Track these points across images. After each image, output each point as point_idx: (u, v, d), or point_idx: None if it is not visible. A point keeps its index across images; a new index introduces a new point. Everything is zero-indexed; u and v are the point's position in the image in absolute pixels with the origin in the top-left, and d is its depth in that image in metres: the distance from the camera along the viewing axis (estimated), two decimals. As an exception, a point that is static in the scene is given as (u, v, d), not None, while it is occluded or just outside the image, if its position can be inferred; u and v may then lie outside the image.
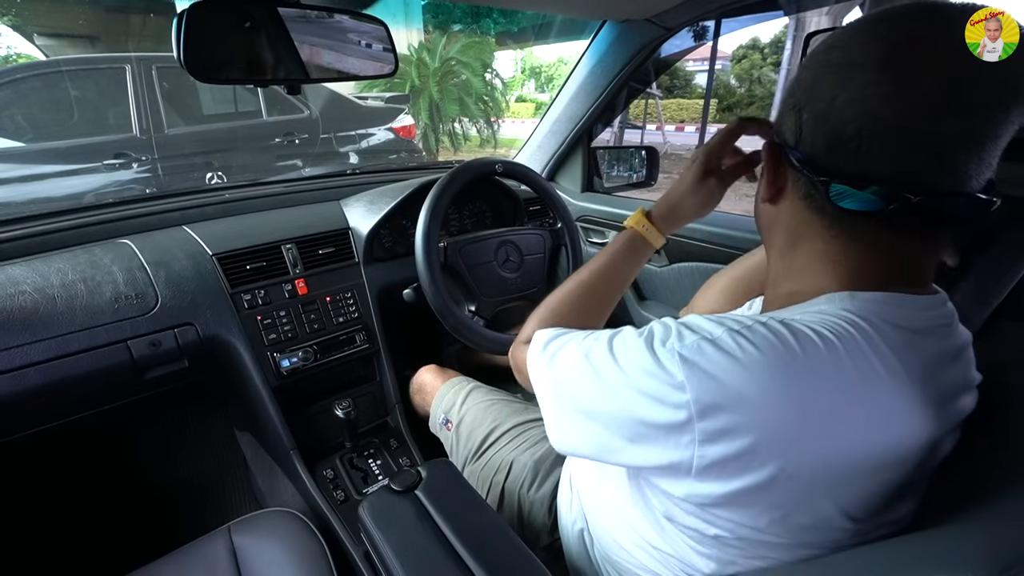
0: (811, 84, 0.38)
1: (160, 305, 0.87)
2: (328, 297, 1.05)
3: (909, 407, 0.36)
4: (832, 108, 0.36)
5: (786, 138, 0.41)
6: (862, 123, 0.34)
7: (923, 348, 0.38)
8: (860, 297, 0.38)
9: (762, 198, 0.45)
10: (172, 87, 3.13)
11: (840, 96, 0.35)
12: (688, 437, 0.36)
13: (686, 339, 0.38)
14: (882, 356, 0.36)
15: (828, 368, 0.35)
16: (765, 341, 0.36)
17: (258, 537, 0.76)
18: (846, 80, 0.35)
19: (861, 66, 0.34)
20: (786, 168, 0.42)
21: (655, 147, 1.50)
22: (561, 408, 0.47)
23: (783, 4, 1.11)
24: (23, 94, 2.91)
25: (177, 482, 1.23)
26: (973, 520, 0.34)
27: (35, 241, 0.92)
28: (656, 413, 0.37)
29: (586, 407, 0.43)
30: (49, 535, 1.09)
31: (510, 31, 10.07)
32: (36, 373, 0.76)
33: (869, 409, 0.35)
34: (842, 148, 0.36)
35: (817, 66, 0.37)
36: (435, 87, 7.60)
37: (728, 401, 0.35)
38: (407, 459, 1.05)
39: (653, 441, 0.38)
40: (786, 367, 0.35)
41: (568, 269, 1.15)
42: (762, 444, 0.34)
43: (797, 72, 0.41)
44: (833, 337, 0.35)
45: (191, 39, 0.63)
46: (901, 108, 0.33)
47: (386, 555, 0.59)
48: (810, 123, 0.38)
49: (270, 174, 3.64)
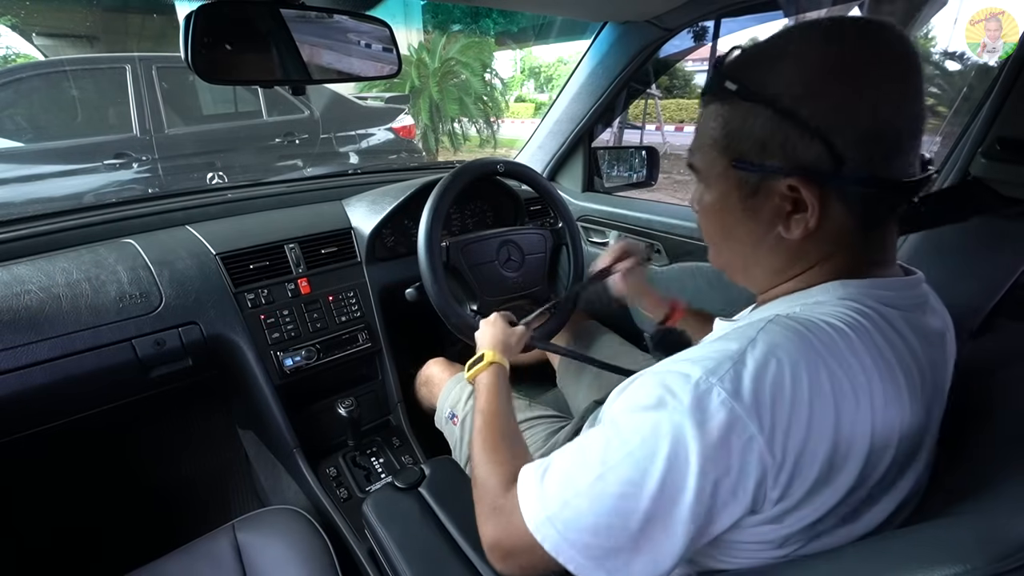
0: (842, 112, 0.37)
1: (164, 304, 0.88)
2: (331, 296, 1.06)
3: (909, 378, 0.39)
4: (878, 119, 0.37)
5: (816, 167, 0.38)
6: (900, 127, 0.38)
7: (914, 324, 0.42)
8: (851, 285, 0.41)
9: (797, 235, 0.41)
10: (172, 87, 3.13)
11: (881, 106, 0.37)
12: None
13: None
14: (885, 335, 0.39)
15: (846, 354, 0.37)
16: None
17: (262, 535, 0.77)
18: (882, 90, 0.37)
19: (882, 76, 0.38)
20: (817, 196, 0.39)
21: (655, 147, 1.51)
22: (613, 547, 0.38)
23: (783, 5, 1.12)
24: (23, 94, 2.91)
25: (181, 480, 1.23)
26: (969, 513, 0.35)
27: (40, 241, 0.93)
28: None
29: (651, 524, 0.37)
30: (54, 532, 1.10)
31: (510, 31, 10.07)
32: (42, 372, 0.77)
33: (884, 384, 0.38)
34: (897, 154, 0.39)
35: (843, 93, 0.37)
36: (435, 87, 7.60)
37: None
38: (409, 457, 1.06)
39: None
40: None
41: (569, 268, 1.16)
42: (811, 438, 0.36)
43: (779, 109, 0.39)
44: (843, 325, 0.38)
45: (198, 40, 0.63)
46: (893, 111, 0.38)
47: (390, 551, 0.60)
48: (854, 141, 0.37)
49: (270, 174, 3.64)
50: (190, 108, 3.39)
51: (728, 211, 0.45)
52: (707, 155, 0.45)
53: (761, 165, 0.40)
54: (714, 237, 0.49)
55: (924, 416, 0.41)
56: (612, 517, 0.37)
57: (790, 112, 0.38)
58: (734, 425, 0.35)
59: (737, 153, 0.42)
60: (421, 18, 8.66)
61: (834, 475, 0.37)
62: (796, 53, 0.39)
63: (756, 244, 0.44)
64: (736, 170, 0.42)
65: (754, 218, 0.43)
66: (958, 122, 0.76)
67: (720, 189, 0.44)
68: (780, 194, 0.40)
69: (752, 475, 0.35)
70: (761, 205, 0.42)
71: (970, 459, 0.43)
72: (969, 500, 0.37)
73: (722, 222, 0.46)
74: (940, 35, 7.67)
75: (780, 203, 0.40)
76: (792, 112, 0.38)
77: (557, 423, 0.94)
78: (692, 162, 0.47)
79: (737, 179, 0.42)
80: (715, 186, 0.45)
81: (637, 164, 1.51)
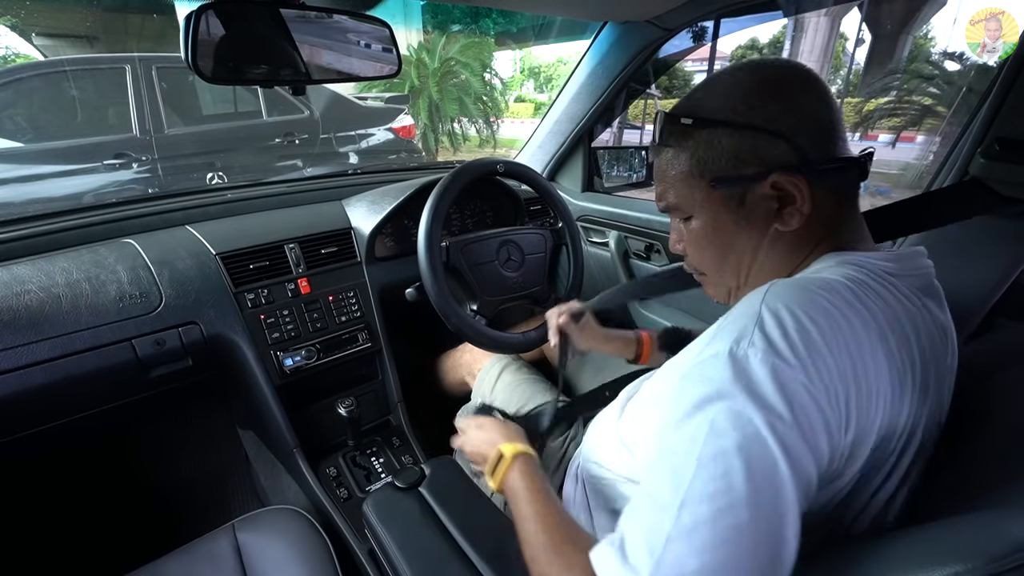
0: (788, 114, 0.44)
1: (164, 304, 0.88)
2: (330, 296, 1.06)
3: (904, 344, 0.40)
4: (813, 115, 0.44)
5: (789, 161, 0.43)
6: (831, 119, 0.45)
7: (913, 289, 0.44)
8: (846, 254, 0.44)
9: (795, 224, 0.45)
10: (172, 87, 3.13)
11: (822, 112, 0.44)
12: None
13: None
14: (882, 295, 0.41)
15: (851, 302, 0.39)
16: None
17: (262, 534, 0.77)
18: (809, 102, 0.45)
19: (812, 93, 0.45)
20: (804, 184, 0.43)
21: (655, 147, 1.51)
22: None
23: (782, 5, 1.12)
24: (23, 94, 2.91)
25: (181, 480, 1.23)
26: (968, 513, 0.35)
27: (40, 241, 0.93)
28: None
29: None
30: (54, 533, 1.10)
31: (509, 31, 10.07)
32: (42, 371, 0.77)
33: (894, 336, 0.39)
34: (838, 139, 0.45)
35: (780, 101, 0.44)
36: (434, 87, 7.60)
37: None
38: (409, 457, 1.06)
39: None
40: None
41: (569, 268, 1.16)
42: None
43: (740, 122, 0.45)
44: (844, 280, 0.40)
45: (199, 41, 0.63)
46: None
47: (391, 551, 0.59)
48: (807, 135, 0.44)
49: (270, 174, 3.64)
50: (190, 108, 3.39)
51: (722, 229, 0.48)
52: (681, 189, 0.48)
53: (740, 176, 0.44)
54: (711, 263, 0.51)
55: (920, 399, 0.41)
56: (719, 547, 0.31)
57: (747, 124, 0.44)
58: (782, 376, 0.34)
59: (714, 174, 0.46)
60: (421, 18, 8.66)
61: (859, 425, 0.36)
62: (729, 82, 0.46)
63: (757, 248, 0.47)
64: (718, 190, 0.46)
65: (749, 225, 0.46)
66: (957, 122, 0.76)
67: (708, 212, 0.48)
68: (765, 195, 0.44)
69: (818, 422, 0.34)
70: (752, 211, 0.45)
71: (969, 459, 0.43)
72: (968, 500, 0.37)
73: (719, 242, 0.49)
74: (940, 35, 7.64)
75: (769, 202, 0.44)
76: (749, 124, 0.44)
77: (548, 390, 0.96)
78: (667, 203, 0.51)
79: (721, 197, 0.46)
80: (701, 212, 0.48)
81: (637, 164, 1.52)
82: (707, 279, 0.53)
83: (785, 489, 0.32)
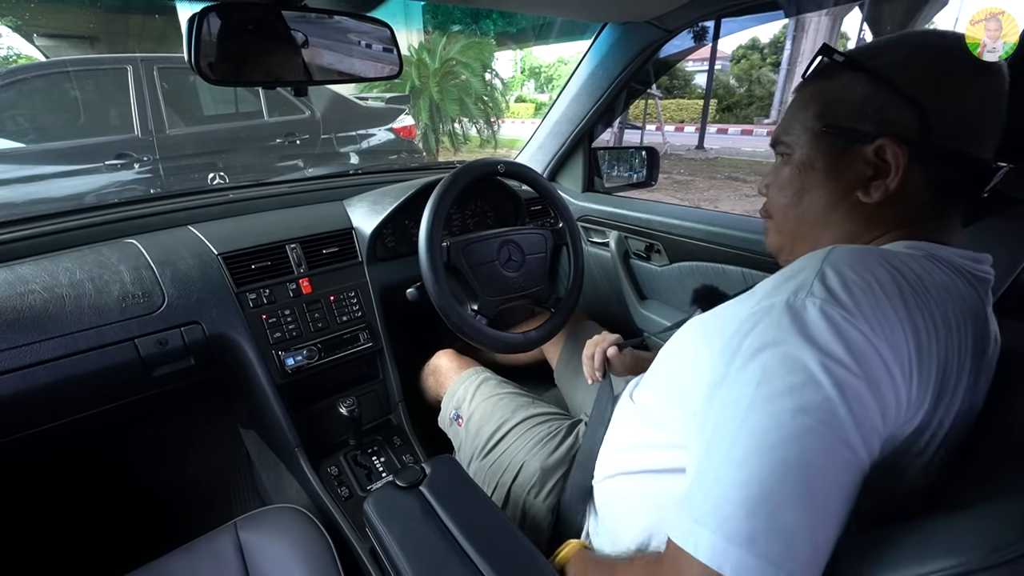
0: (935, 86, 0.42)
1: (167, 304, 0.88)
2: (332, 296, 1.06)
3: (961, 332, 0.39)
4: (968, 110, 0.42)
5: (906, 131, 0.42)
6: (985, 119, 0.43)
7: (973, 293, 0.43)
8: (918, 242, 0.43)
9: (876, 198, 0.44)
10: (173, 88, 3.13)
11: (978, 104, 0.42)
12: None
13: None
14: (946, 288, 0.40)
15: (912, 281, 0.38)
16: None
17: (264, 533, 0.77)
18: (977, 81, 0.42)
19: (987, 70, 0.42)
20: (904, 157, 0.42)
21: (655, 147, 1.51)
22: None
23: (783, 5, 1.12)
24: (25, 95, 2.92)
25: (183, 479, 1.24)
26: (966, 510, 0.35)
27: (43, 241, 0.93)
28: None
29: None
30: (56, 533, 1.10)
31: (509, 32, 10.08)
32: (45, 371, 0.77)
33: (939, 327, 0.38)
34: (979, 139, 0.43)
35: (936, 72, 0.42)
36: (435, 87, 7.60)
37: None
38: (410, 456, 1.06)
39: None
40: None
41: (569, 268, 1.16)
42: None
43: (886, 71, 0.43)
44: (909, 260, 0.40)
45: (202, 42, 0.64)
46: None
47: (391, 550, 0.60)
48: (946, 115, 0.41)
49: (272, 174, 3.64)
50: (191, 109, 3.40)
51: (809, 172, 0.47)
52: (798, 125, 0.48)
53: (853, 129, 0.44)
54: (783, 206, 0.51)
55: (970, 395, 0.40)
56: (765, 480, 0.32)
57: (888, 80, 0.42)
58: (841, 324, 0.33)
59: (831, 119, 0.46)
60: (421, 19, 8.67)
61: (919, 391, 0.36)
62: (905, 39, 0.45)
63: (830, 207, 0.47)
64: (826, 135, 0.46)
65: (835, 180, 0.46)
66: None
67: (807, 153, 0.48)
68: (865, 159, 0.43)
69: (881, 372, 0.33)
70: (845, 168, 0.45)
71: (969, 458, 0.43)
72: (967, 499, 0.37)
73: (800, 183, 0.48)
74: (941, 35, 7.60)
75: (863, 168, 0.44)
76: (890, 80, 0.42)
77: (558, 421, 0.95)
78: (778, 136, 0.50)
79: (826, 144, 0.46)
80: (802, 151, 0.48)
81: (637, 164, 1.52)
82: (772, 224, 0.53)
83: (843, 432, 0.32)
